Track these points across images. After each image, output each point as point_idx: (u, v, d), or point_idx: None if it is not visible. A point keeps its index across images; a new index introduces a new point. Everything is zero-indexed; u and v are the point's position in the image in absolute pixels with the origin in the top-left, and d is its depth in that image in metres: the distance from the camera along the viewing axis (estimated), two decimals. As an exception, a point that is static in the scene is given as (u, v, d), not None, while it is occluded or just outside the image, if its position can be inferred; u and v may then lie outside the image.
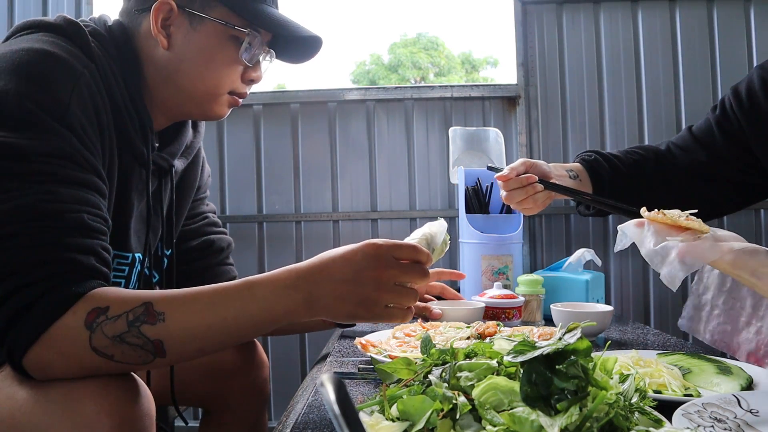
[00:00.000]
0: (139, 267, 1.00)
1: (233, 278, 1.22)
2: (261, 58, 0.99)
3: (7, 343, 0.68)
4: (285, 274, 0.75)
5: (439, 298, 1.42)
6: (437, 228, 0.91)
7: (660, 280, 0.84)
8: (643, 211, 0.92)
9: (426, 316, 1.26)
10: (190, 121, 1.08)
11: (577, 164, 1.32)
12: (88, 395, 0.68)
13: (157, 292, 0.73)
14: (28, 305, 0.67)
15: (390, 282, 0.74)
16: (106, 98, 0.83)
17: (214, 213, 1.26)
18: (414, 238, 0.88)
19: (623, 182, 1.31)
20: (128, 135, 0.89)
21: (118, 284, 0.96)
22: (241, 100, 1.01)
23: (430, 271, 1.17)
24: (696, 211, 0.90)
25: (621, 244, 0.92)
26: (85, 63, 0.81)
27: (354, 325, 1.28)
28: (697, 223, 0.84)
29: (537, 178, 1.19)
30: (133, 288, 0.99)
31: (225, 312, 0.72)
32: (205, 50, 0.92)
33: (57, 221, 0.70)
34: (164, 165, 1.00)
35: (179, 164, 1.06)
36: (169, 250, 1.08)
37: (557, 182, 1.23)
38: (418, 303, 1.13)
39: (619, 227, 0.93)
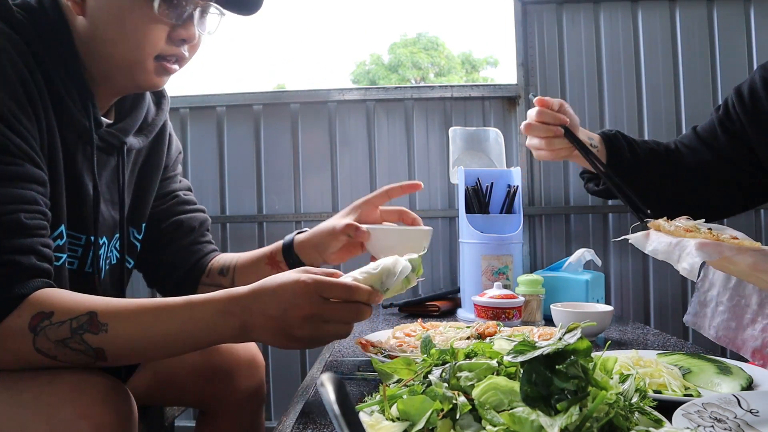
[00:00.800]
0: (101, 250, 0.97)
1: (210, 252, 1.18)
2: (197, 14, 0.90)
3: None
4: (224, 297, 0.75)
5: None
6: (402, 266, 0.80)
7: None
8: (661, 222, 0.90)
9: (350, 234, 1.07)
10: (148, 97, 1.04)
11: (598, 135, 1.32)
12: (65, 399, 0.69)
13: (103, 301, 0.74)
14: None
15: (317, 320, 0.73)
16: (38, 72, 0.80)
17: (189, 190, 1.20)
18: (367, 271, 0.79)
19: (639, 165, 1.29)
20: (68, 109, 0.85)
21: (72, 264, 0.92)
22: (176, 66, 0.92)
23: (380, 190, 1.11)
24: (704, 221, 0.89)
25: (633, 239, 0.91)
26: (9, 35, 0.78)
27: None
28: (748, 241, 0.83)
29: (569, 121, 1.20)
30: (89, 271, 0.95)
31: (166, 328, 0.74)
32: (116, 11, 0.85)
33: None
34: (114, 142, 0.95)
35: (135, 142, 1.00)
36: (140, 234, 1.05)
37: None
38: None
39: (631, 240, 0.92)
